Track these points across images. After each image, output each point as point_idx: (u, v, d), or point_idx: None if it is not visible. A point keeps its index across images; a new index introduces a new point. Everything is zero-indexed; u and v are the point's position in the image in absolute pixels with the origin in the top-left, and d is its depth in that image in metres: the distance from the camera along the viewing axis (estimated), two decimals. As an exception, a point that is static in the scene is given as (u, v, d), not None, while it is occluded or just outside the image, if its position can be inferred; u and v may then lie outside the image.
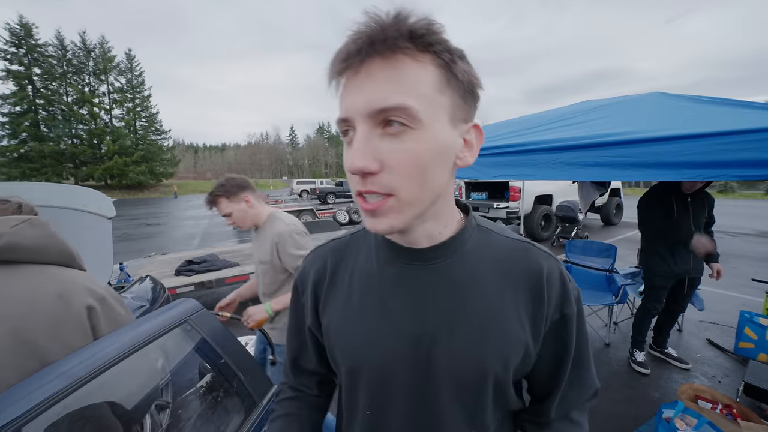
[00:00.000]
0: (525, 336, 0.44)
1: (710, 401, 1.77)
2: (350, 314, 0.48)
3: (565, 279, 0.47)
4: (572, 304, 0.47)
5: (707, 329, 3.11)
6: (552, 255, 0.48)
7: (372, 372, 0.47)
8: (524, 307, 0.45)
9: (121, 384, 0.82)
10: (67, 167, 33.48)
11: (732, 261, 5.40)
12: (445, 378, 0.44)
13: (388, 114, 0.34)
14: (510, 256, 0.47)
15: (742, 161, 1.13)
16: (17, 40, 30.18)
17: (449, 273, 0.45)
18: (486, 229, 0.49)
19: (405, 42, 0.34)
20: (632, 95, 2.17)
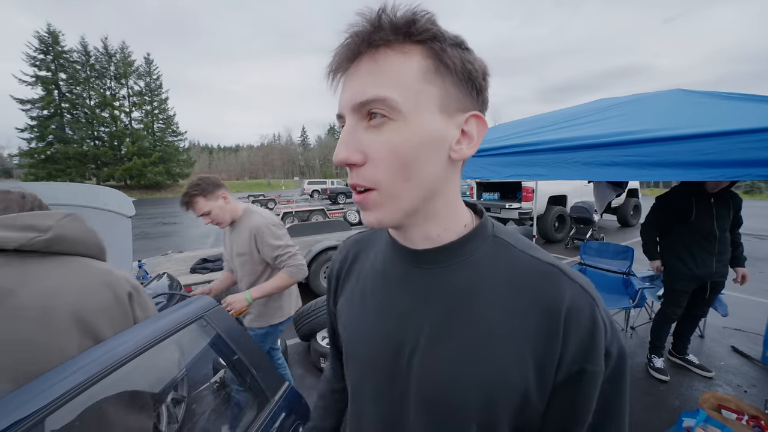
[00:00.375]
0: (524, 379, 0.37)
1: (735, 411, 1.69)
2: (353, 306, 0.50)
3: (599, 324, 0.36)
4: (599, 360, 0.36)
5: (732, 336, 2.97)
6: (586, 289, 0.38)
7: (358, 366, 0.49)
8: (531, 344, 0.37)
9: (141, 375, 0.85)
10: (90, 168, 34.94)
11: (759, 265, 5.15)
12: (418, 394, 0.41)
13: (369, 106, 0.35)
14: (526, 278, 0.39)
15: (765, 160, 1.08)
16: (45, 47, 31.71)
17: (445, 282, 0.41)
18: (503, 241, 0.43)
19: (388, 35, 0.34)
20: (650, 92, 2.10)
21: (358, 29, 0.35)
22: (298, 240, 5.48)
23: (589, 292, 0.38)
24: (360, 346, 0.48)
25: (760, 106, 1.36)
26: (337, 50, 0.36)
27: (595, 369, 0.36)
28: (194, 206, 1.54)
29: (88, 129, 34.43)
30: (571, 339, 0.36)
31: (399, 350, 0.43)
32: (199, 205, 1.54)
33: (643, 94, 2.12)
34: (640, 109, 1.81)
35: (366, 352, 0.47)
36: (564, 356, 0.36)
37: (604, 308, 0.38)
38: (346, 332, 0.51)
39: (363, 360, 0.47)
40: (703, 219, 2.16)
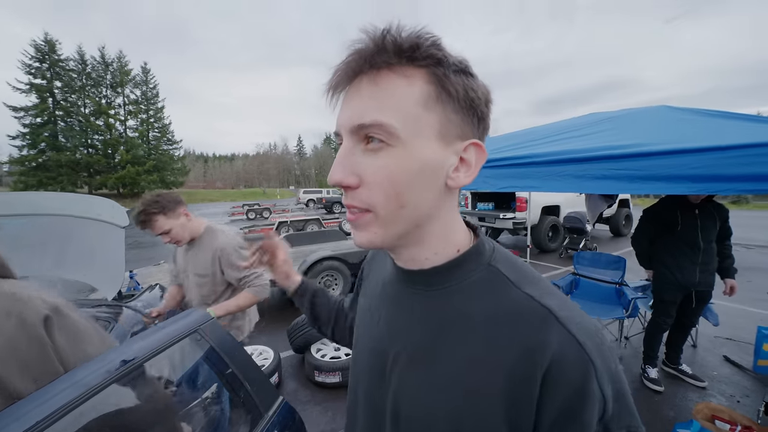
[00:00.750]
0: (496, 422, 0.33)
1: (728, 422, 1.70)
2: (361, 311, 0.55)
3: (590, 388, 0.30)
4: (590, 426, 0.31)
5: (723, 345, 3.01)
6: (580, 342, 0.32)
7: (354, 371, 0.52)
8: (509, 390, 0.33)
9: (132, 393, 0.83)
10: (82, 176, 34.48)
11: (747, 274, 5.23)
12: (392, 409, 0.41)
13: (367, 130, 0.34)
14: (510, 317, 0.35)
15: (748, 175, 1.12)
16: (41, 56, 31.65)
17: (432, 306, 0.40)
18: (498, 272, 0.39)
19: (391, 58, 0.33)
20: (638, 108, 2.18)
21: (361, 47, 0.34)
22: (294, 250, 5.45)
23: (586, 349, 0.31)
24: (358, 351, 0.51)
25: (740, 123, 1.42)
26: (338, 67, 0.35)
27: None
28: (153, 225, 1.40)
29: (81, 137, 34.12)
30: (550, 400, 0.31)
31: (384, 364, 0.44)
32: (159, 223, 1.40)
33: (631, 110, 2.20)
34: (628, 124, 1.87)
35: (360, 360, 0.50)
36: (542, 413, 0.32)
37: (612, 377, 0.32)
38: (354, 334, 0.55)
39: (357, 369, 0.51)
40: (688, 230, 2.22)
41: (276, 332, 3.41)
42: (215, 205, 30.48)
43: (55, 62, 32.51)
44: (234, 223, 14.26)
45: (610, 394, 0.31)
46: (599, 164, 1.53)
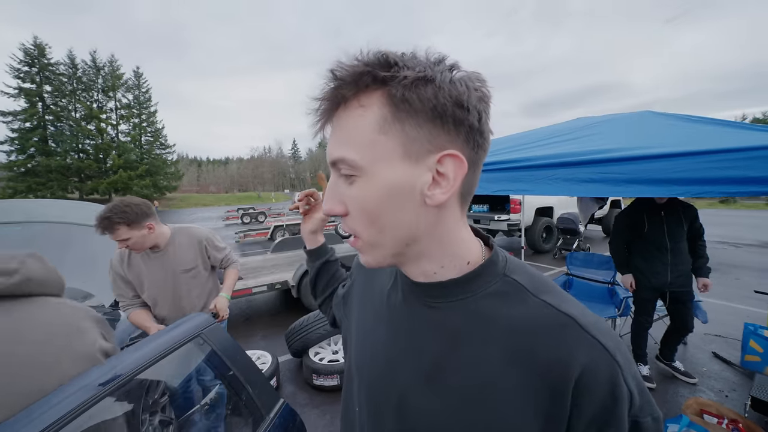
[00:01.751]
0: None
1: (716, 416, 1.76)
2: (359, 323, 0.53)
3: (620, 390, 0.32)
4: (623, 421, 0.32)
5: (712, 342, 3.09)
6: (605, 346, 0.33)
7: (359, 382, 0.49)
8: (534, 404, 0.33)
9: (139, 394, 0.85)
10: (73, 181, 33.93)
11: (735, 272, 5.38)
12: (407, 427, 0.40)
13: (336, 166, 0.37)
14: (532, 328, 0.35)
15: (727, 178, 1.18)
16: (30, 60, 31.24)
17: (445, 319, 0.40)
18: (514, 282, 0.39)
19: (349, 90, 0.34)
20: (624, 113, 2.25)
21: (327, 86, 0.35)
22: (290, 254, 5.46)
23: (612, 353, 0.33)
24: (362, 364, 0.49)
25: (720, 129, 1.49)
26: (315, 106, 0.36)
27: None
28: (113, 233, 1.39)
29: (72, 141, 33.64)
30: (585, 406, 0.32)
31: (394, 378, 0.42)
32: (120, 232, 1.39)
33: (617, 115, 2.28)
34: (614, 129, 1.94)
35: (366, 373, 0.47)
36: (575, 424, 0.32)
37: (633, 374, 0.33)
38: (352, 347, 0.53)
39: (363, 380, 0.48)
40: (655, 231, 2.27)
41: (274, 337, 3.41)
42: (209, 210, 30.24)
43: (45, 66, 32.09)
44: (229, 228, 14.16)
45: (635, 389, 0.33)
46: (587, 168, 1.59)
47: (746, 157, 1.16)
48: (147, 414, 1.46)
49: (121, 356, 0.80)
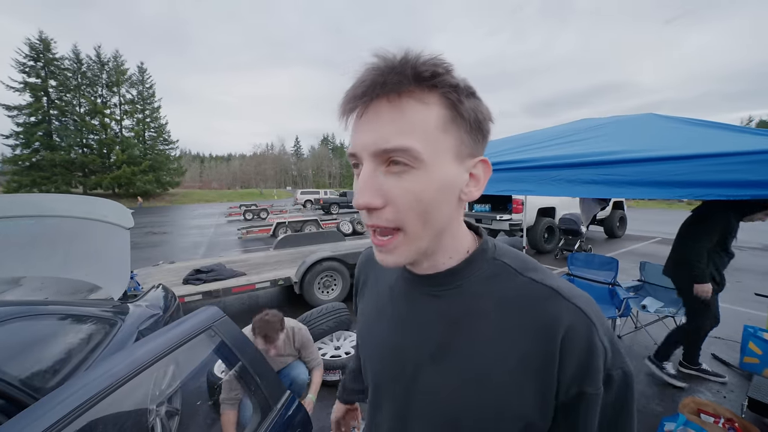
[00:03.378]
0: (525, 402, 0.38)
1: (713, 415, 1.78)
2: (368, 317, 0.55)
3: (596, 347, 0.37)
4: (598, 382, 0.37)
5: (712, 344, 3.10)
6: (584, 310, 0.38)
7: (371, 372, 0.52)
8: (528, 368, 0.38)
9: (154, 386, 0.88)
10: (77, 176, 34.15)
11: (737, 275, 5.38)
12: (420, 409, 0.43)
13: (391, 154, 0.36)
14: (522, 301, 0.40)
15: (728, 182, 1.20)
16: (36, 54, 31.37)
17: (445, 306, 0.44)
18: (503, 263, 0.44)
19: (410, 84, 0.35)
20: (628, 115, 2.26)
21: (377, 72, 0.35)
22: (292, 251, 5.50)
23: (588, 315, 0.38)
24: (372, 355, 0.52)
25: (722, 133, 1.51)
26: (355, 90, 0.36)
27: (593, 391, 0.37)
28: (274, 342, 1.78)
29: (76, 136, 33.81)
30: (568, 361, 0.37)
31: (403, 365, 0.45)
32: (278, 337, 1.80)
33: (621, 117, 2.29)
34: (618, 131, 1.96)
35: (377, 364, 0.50)
36: (562, 378, 0.37)
37: (606, 330, 0.39)
38: (362, 340, 0.56)
39: (375, 370, 0.51)
40: (731, 235, 2.26)
41: (276, 332, 3.44)
42: (211, 206, 30.34)
43: (50, 61, 32.23)
44: (231, 224, 14.24)
45: (608, 344, 0.38)
46: (590, 169, 1.61)
47: (747, 161, 1.17)
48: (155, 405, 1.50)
49: (136, 347, 0.83)
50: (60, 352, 1.33)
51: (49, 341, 1.35)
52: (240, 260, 4.94)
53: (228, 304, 4.40)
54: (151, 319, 2.07)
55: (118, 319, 1.73)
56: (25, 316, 1.31)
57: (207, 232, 12.11)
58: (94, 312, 1.65)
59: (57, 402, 0.68)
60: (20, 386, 1.11)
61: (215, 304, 4.18)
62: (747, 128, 1.52)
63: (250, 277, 4.05)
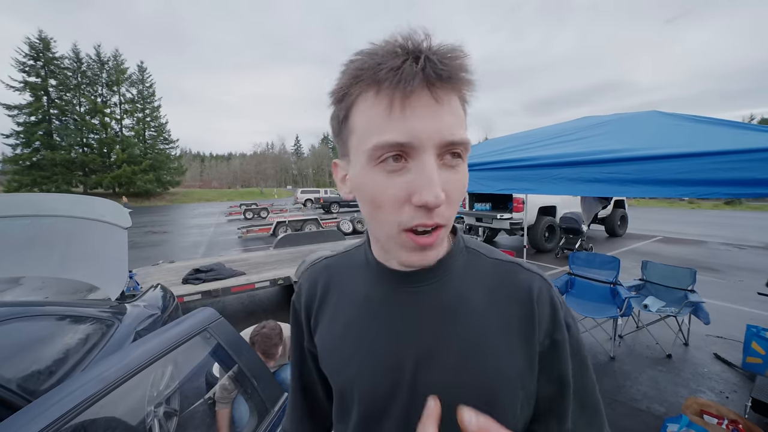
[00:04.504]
0: (518, 367, 0.41)
1: (716, 416, 1.76)
2: (337, 334, 0.48)
3: (556, 302, 0.44)
4: (563, 330, 0.43)
5: (714, 343, 3.08)
6: (542, 275, 0.46)
7: (363, 393, 0.45)
8: (516, 331, 0.42)
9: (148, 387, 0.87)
10: (77, 175, 34.19)
11: (739, 274, 5.35)
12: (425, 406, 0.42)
13: (455, 147, 0.35)
14: (498, 277, 0.45)
15: (732, 180, 1.18)
16: (36, 53, 31.36)
17: (436, 297, 0.44)
18: (474, 250, 0.48)
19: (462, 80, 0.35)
20: (630, 113, 2.24)
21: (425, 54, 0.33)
22: (292, 250, 5.49)
23: (546, 279, 0.46)
24: (356, 372, 0.46)
25: (725, 130, 1.48)
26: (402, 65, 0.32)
27: (561, 338, 0.43)
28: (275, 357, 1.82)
29: (76, 136, 33.83)
30: (542, 317, 0.43)
31: (400, 370, 0.43)
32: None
33: (623, 114, 2.26)
34: (620, 129, 1.93)
35: (372, 380, 0.45)
36: (539, 333, 0.42)
37: (556, 289, 0.47)
38: (339, 367, 0.47)
39: (367, 386, 0.45)
40: None
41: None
42: (212, 205, 30.36)
43: (50, 60, 32.22)
44: (231, 223, 14.23)
45: (559, 299, 0.46)
46: (592, 168, 1.59)
47: (752, 158, 1.15)
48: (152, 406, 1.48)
49: (131, 349, 0.82)
50: (55, 354, 1.31)
51: (45, 342, 1.34)
52: (240, 260, 4.93)
53: (227, 303, 4.40)
54: (149, 319, 2.06)
55: (115, 320, 1.72)
56: (20, 317, 1.30)
57: (207, 232, 12.11)
58: (91, 312, 1.63)
59: (50, 404, 0.66)
60: (14, 389, 1.09)
61: (215, 303, 4.18)
62: (751, 125, 1.49)
63: (249, 276, 4.04)
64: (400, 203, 0.35)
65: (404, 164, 0.35)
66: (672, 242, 8.61)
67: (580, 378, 0.44)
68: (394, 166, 0.35)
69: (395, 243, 0.38)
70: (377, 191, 0.36)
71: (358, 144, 0.37)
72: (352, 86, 0.36)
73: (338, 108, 0.39)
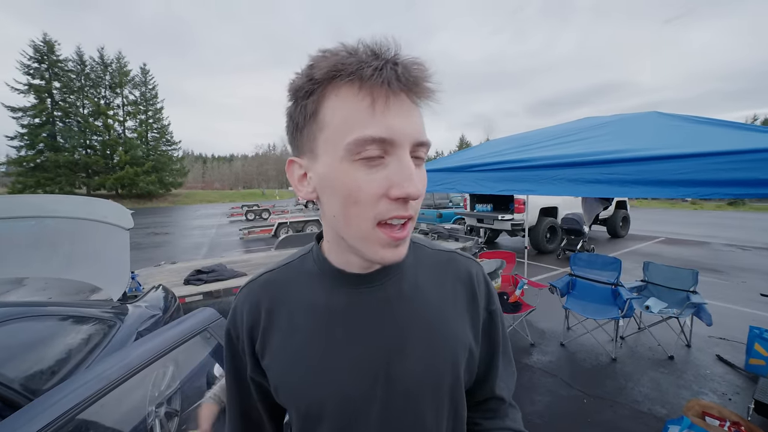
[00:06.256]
0: (469, 338, 0.49)
1: (718, 418, 1.75)
2: (293, 351, 0.44)
3: (489, 281, 0.55)
4: (496, 301, 0.54)
5: (716, 345, 3.06)
6: (474, 259, 0.56)
7: (336, 407, 0.43)
8: (464, 309, 0.50)
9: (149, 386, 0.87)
10: (80, 177, 34.39)
11: (742, 275, 5.31)
12: (406, 397, 0.43)
13: (423, 148, 0.39)
14: (442, 265, 0.52)
15: (733, 180, 1.18)
16: (40, 56, 31.62)
17: (394, 292, 0.46)
18: (417, 244, 0.53)
19: (428, 90, 0.37)
20: (630, 114, 2.24)
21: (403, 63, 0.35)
22: (294, 251, 5.49)
23: (478, 261, 0.56)
24: (323, 387, 0.43)
25: (725, 130, 1.48)
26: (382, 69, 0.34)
27: (495, 308, 0.54)
28: None
29: (80, 137, 34.03)
30: (482, 295, 0.52)
31: (373, 371, 0.43)
32: None
33: (623, 115, 2.26)
34: (620, 130, 1.93)
35: (344, 392, 0.42)
36: (480, 307, 0.52)
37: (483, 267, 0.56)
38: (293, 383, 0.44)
39: (338, 399, 0.42)
40: None
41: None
42: (214, 206, 30.44)
43: (54, 63, 32.46)
44: (233, 225, 14.26)
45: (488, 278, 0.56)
46: (592, 169, 1.59)
47: (752, 159, 1.15)
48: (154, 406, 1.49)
49: (132, 348, 0.82)
50: (58, 354, 1.32)
51: (47, 342, 1.35)
52: (241, 260, 4.94)
53: (228, 304, 4.40)
54: (150, 320, 2.07)
55: (117, 321, 1.73)
56: (23, 317, 1.31)
57: (209, 233, 12.14)
58: (93, 313, 1.64)
59: (51, 403, 0.67)
60: (17, 388, 1.10)
61: (216, 304, 4.18)
62: (752, 126, 1.49)
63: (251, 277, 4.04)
64: (378, 197, 0.36)
65: (381, 160, 0.36)
66: (674, 243, 8.57)
67: (505, 336, 0.56)
68: (375, 161, 0.36)
69: (369, 240, 0.38)
70: (355, 186, 0.36)
71: (334, 139, 0.36)
72: (327, 81, 0.36)
73: (305, 102, 0.38)
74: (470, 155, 2.72)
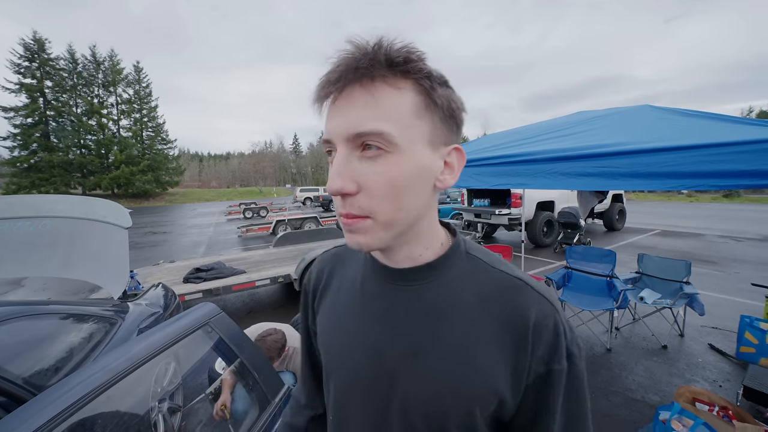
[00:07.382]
0: (499, 384, 0.40)
1: (707, 403, 1.80)
2: (333, 320, 0.51)
3: (560, 330, 0.41)
4: (563, 360, 0.41)
5: (709, 334, 3.13)
6: (549, 299, 0.43)
7: (339, 380, 0.48)
8: (504, 352, 0.41)
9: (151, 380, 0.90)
10: (75, 177, 34.10)
11: (735, 265, 5.39)
12: (400, 405, 0.43)
13: (365, 138, 0.36)
14: (496, 293, 0.43)
15: (720, 172, 1.21)
16: (31, 55, 31.17)
17: (424, 298, 0.44)
18: (475, 258, 0.46)
19: (383, 70, 0.35)
20: (623, 107, 2.26)
21: (351, 58, 0.35)
22: (292, 248, 5.52)
23: (552, 302, 0.43)
24: (340, 359, 0.48)
25: (715, 123, 1.51)
26: (329, 76, 0.36)
27: (559, 368, 0.41)
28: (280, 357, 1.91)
29: (74, 137, 33.70)
30: (539, 345, 0.40)
31: (380, 365, 0.43)
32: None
33: (616, 109, 2.28)
34: (612, 123, 1.96)
35: (346, 365, 0.47)
36: (532, 361, 0.40)
37: (563, 314, 0.44)
38: (326, 348, 0.50)
39: (344, 374, 0.47)
40: None
41: (277, 329, 3.47)
42: (211, 205, 30.33)
43: (45, 61, 32.02)
44: (231, 223, 14.24)
45: (567, 326, 0.43)
46: (584, 162, 1.61)
47: (738, 151, 1.18)
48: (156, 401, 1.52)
49: (134, 342, 0.84)
50: (60, 351, 1.34)
51: (50, 340, 1.37)
52: (240, 258, 4.95)
53: (228, 301, 4.43)
54: (151, 317, 2.09)
55: (118, 318, 1.75)
56: (25, 316, 1.33)
57: (207, 231, 12.12)
58: (94, 311, 1.66)
59: (55, 398, 0.69)
60: (21, 384, 1.12)
61: (216, 301, 4.21)
62: (741, 118, 1.52)
63: (250, 274, 4.07)
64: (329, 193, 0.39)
65: (333, 157, 0.39)
66: (670, 235, 8.66)
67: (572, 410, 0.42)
68: (330, 159, 0.40)
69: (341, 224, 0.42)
70: None
71: None
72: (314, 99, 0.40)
73: None
74: (467, 150, 2.74)
